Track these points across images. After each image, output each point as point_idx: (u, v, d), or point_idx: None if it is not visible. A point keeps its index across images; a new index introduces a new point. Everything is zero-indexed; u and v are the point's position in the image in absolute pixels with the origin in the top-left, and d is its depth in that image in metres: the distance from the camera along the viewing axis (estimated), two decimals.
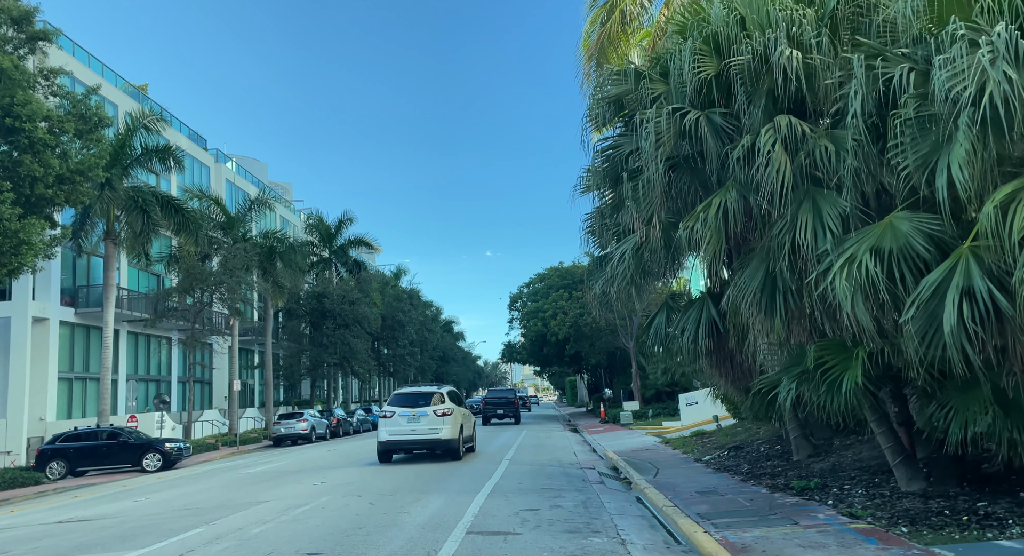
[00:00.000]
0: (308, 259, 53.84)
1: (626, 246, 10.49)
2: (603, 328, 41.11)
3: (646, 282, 10.97)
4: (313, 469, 18.82)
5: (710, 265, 8.78)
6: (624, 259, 10.38)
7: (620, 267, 10.48)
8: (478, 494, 12.16)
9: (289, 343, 51.11)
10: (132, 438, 26.09)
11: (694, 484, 11.91)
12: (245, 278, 36.51)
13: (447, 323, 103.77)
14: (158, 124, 30.79)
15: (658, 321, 14.10)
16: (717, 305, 12.40)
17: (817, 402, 8.20)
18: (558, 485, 13.44)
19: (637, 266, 10.36)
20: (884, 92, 6.92)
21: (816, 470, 11.16)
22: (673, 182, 9.34)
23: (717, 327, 12.20)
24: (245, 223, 41.28)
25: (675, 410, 35.30)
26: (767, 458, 13.66)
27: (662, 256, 10.14)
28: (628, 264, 10.33)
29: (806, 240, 7.65)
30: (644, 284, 10.88)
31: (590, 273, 14.17)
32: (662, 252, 10.08)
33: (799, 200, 7.90)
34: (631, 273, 10.40)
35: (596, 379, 59.90)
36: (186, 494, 14.93)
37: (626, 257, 10.36)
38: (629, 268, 10.36)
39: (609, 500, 11.45)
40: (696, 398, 25.98)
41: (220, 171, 50.51)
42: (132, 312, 36.06)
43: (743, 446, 15.89)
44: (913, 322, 6.58)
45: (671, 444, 20.08)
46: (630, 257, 10.31)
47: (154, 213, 29.26)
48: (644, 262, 10.24)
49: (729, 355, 12.59)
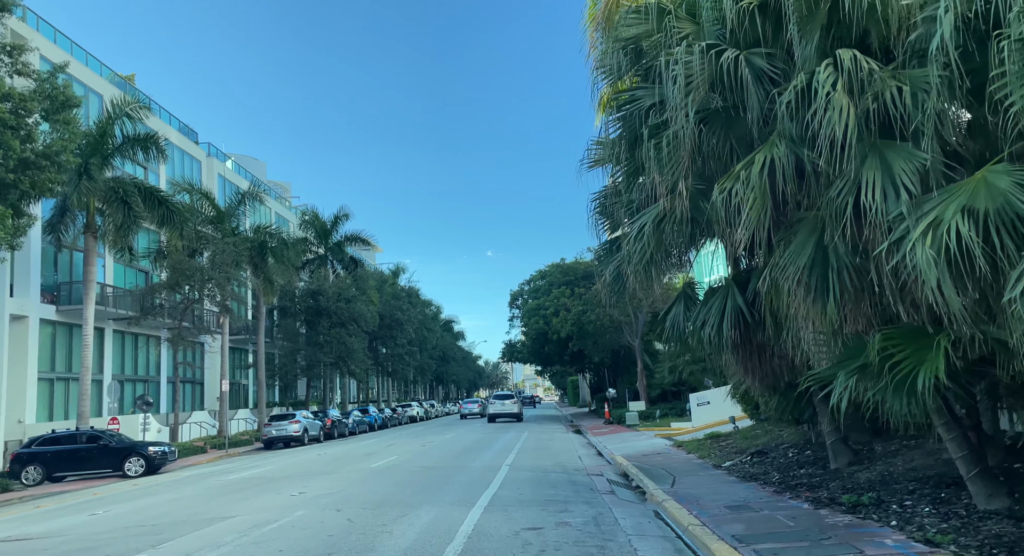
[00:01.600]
0: (303, 256, 52.43)
1: (645, 219, 8.98)
2: (607, 325, 39.65)
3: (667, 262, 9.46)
4: (297, 475, 17.37)
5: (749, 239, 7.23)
6: (643, 235, 8.88)
7: (638, 244, 8.99)
8: (473, 507, 10.69)
9: (284, 342, 49.61)
10: (113, 441, 24.68)
11: (720, 496, 10.44)
12: (234, 274, 35.03)
13: (447, 322, 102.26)
14: (141, 112, 29.34)
15: (675, 312, 12.63)
16: (744, 292, 10.97)
17: (881, 402, 6.72)
18: (564, 495, 11.98)
19: (658, 243, 8.86)
20: (984, 8, 5.45)
21: (863, 481, 9.68)
22: (704, 139, 7.83)
23: (744, 317, 10.77)
24: (236, 217, 39.83)
25: (683, 410, 33.84)
26: (798, 465, 12.18)
27: (687, 231, 8.64)
28: (647, 240, 8.83)
29: (873, 201, 6.17)
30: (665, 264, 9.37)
31: (600, 258, 12.72)
32: (687, 226, 8.59)
33: (863, 154, 6.42)
34: (650, 251, 8.90)
35: (599, 378, 58.38)
36: (153, 505, 13.47)
37: (645, 232, 8.86)
38: (648, 245, 8.86)
39: (623, 515, 9.98)
40: (708, 398, 24.52)
41: (212, 166, 49.03)
42: (118, 310, 34.57)
43: (767, 451, 14.41)
44: (1023, 300, 5.11)
45: (684, 447, 18.60)
46: (650, 231, 8.81)
47: (136, 205, 27.79)
48: (666, 239, 8.74)
49: (758, 349, 11.14)
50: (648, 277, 9.58)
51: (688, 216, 8.32)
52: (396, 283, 72.25)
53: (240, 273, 37.74)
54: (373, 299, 55.83)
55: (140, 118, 29.27)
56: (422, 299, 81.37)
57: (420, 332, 73.08)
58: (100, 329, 35.06)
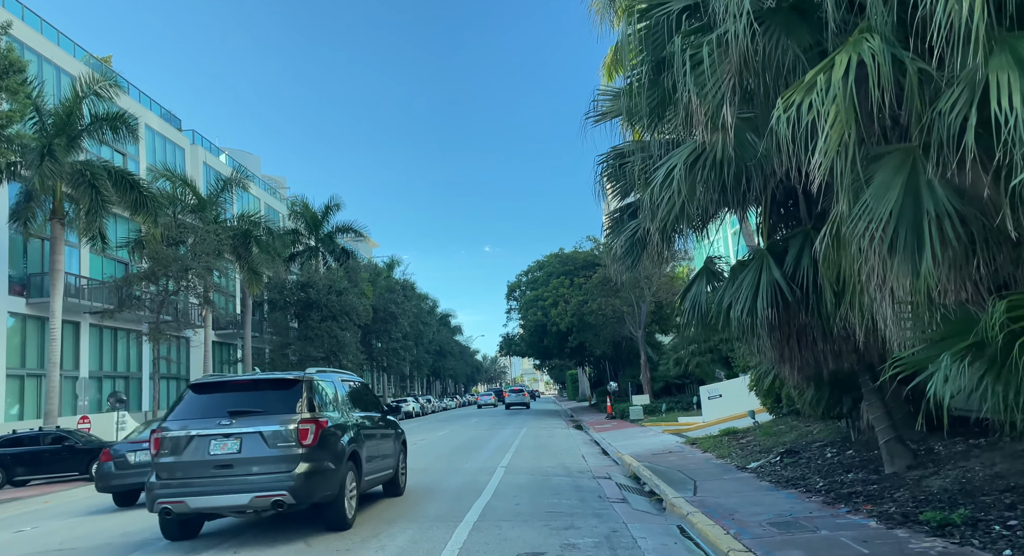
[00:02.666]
0: (292, 247, 50.64)
1: (675, 160, 7.16)
2: (609, 316, 37.88)
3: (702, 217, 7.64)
4: None
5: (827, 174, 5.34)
6: (671, 180, 7.07)
7: (665, 193, 7.17)
8: (460, 524, 8.92)
9: (274, 336, 47.75)
10: (81, 442, 22.85)
11: (758, 508, 8.67)
12: (215, 264, 33.17)
13: (444, 316, 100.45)
14: (111, 91, 27.36)
15: (696, 292, 10.87)
16: (781, 265, 9.21)
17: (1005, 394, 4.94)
18: (568, 506, 10.21)
19: (691, 190, 7.04)
20: None
21: (936, 490, 7.91)
22: (759, 46, 6.00)
23: (782, 294, 9.02)
24: (219, 206, 37.95)
25: (690, 404, 32.13)
26: (843, 468, 10.40)
27: (729, 176, 6.84)
28: (677, 187, 7.02)
29: (1012, 111, 4.40)
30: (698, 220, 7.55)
31: (610, 228, 10.92)
32: (729, 168, 6.79)
33: (988, 49, 4.65)
34: (681, 200, 7.09)
35: (599, 372, 56.63)
36: (90, 521, 11.69)
37: (675, 176, 7.05)
38: (678, 193, 7.05)
39: (642, 533, 8.21)
40: (719, 390, 22.77)
41: (197, 154, 47.12)
42: (93, 303, 32.74)
43: (798, 450, 12.64)
44: None
45: (699, 445, 16.85)
46: (681, 175, 7.00)
47: (104, 189, 25.89)
48: (701, 186, 6.91)
49: (798, 331, 9.39)
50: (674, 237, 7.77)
51: (731, 155, 6.53)
52: (391, 276, 70.38)
53: (223, 263, 35.91)
54: (366, 292, 54.01)
55: (110, 97, 27.32)
56: (418, 292, 79.53)
57: (416, 326, 71.29)
58: (75, 323, 33.27)
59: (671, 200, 7.18)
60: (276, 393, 8.93)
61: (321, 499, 8.52)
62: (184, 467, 8.35)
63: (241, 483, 8.18)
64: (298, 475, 8.20)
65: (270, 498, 8.08)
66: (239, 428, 8.38)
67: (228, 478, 8.22)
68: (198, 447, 8.37)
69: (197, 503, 8.17)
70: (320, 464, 8.44)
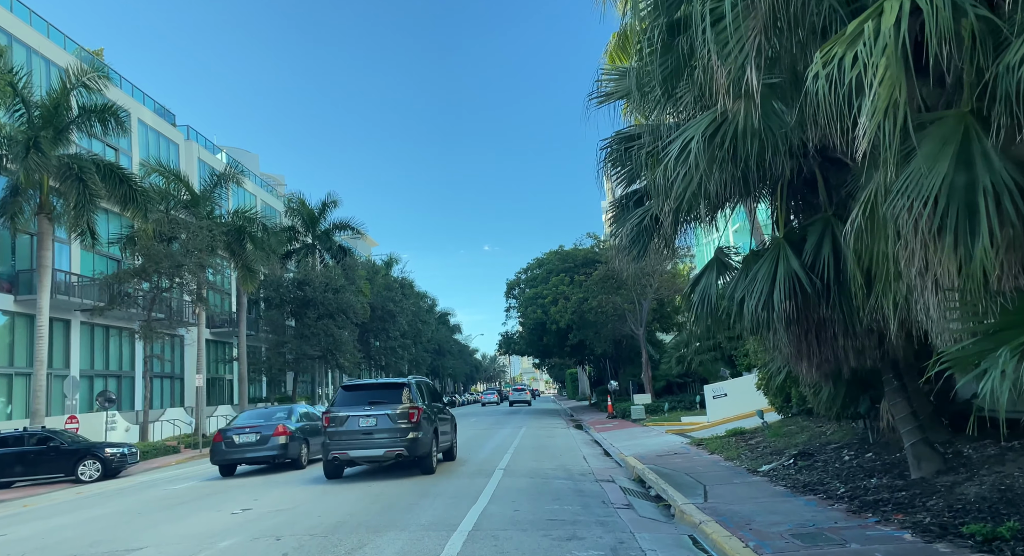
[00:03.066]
0: (288, 244, 49.97)
1: (692, 132, 6.44)
2: (609, 314, 37.20)
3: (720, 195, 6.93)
4: (256, 484, 14.95)
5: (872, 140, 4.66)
6: (688, 154, 6.37)
7: (680, 169, 6.47)
8: (454, 533, 8.26)
9: (270, 335, 47.05)
10: (66, 443, 22.23)
11: (776, 516, 8.01)
12: (208, 261, 32.48)
13: (442, 315, 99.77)
14: (100, 82, 26.65)
15: (706, 283, 10.23)
16: (800, 254, 8.57)
17: None
18: (570, 512, 9.56)
19: (710, 164, 6.33)
20: None
21: (973, 498, 7.25)
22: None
23: (800, 285, 8.38)
24: (212, 202, 37.24)
25: (692, 403, 31.50)
26: (864, 472, 9.74)
27: (753, 149, 6.15)
28: (695, 161, 6.32)
29: None
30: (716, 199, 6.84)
31: (614, 217, 10.25)
32: (753, 141, 6.11)
33: None
34: (698, 177, 6.39)
35: (599, 370, 55.97)
36: (66, 526, 11.02)
37: (692, 150, 6.35)
38: (695, 169, 6.35)
39: (652, 545, 7.55)
40: (725, 389, 22.12)
41: (192, 150, 46.41)
42: (83, 300, 32.04)
43: (813, 452, 11.99)
44: None
45: (705, 446, 16.20)
46: (699, 148, 6.29)
47: (92, 182, 25.18)
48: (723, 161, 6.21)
49: (818, 325, 8.75)
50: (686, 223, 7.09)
51: (755, 126, 5.84)
52: (389, 274, 69.71)
53: (216, 260, 35.22)
54: (364, 290, 53.35)
55: (99, 89, 26.63)
56: (416, 291, 78.82)
57: (414, 325, 70.62)
58: (65, 321, 32.60)
59: (687, 176, 6.47)
60: (392, 391, 14.39)
61: (421, 454, 13.94)
62: (344, 434, 13.85)
63: (378, 443, 13.72)
64: (410, 439, 13.69)
65: (394, 452, 13.68)
66: (375, 411, 13.86)
67: (370, 440, 13.77)
68: (352, 422, 13.88)
69: (353, 454, 13.86)
70: (420, 433, 13.88)
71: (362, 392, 14.57)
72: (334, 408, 14.18)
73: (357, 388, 14.91)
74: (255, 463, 18.05)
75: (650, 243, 9.29)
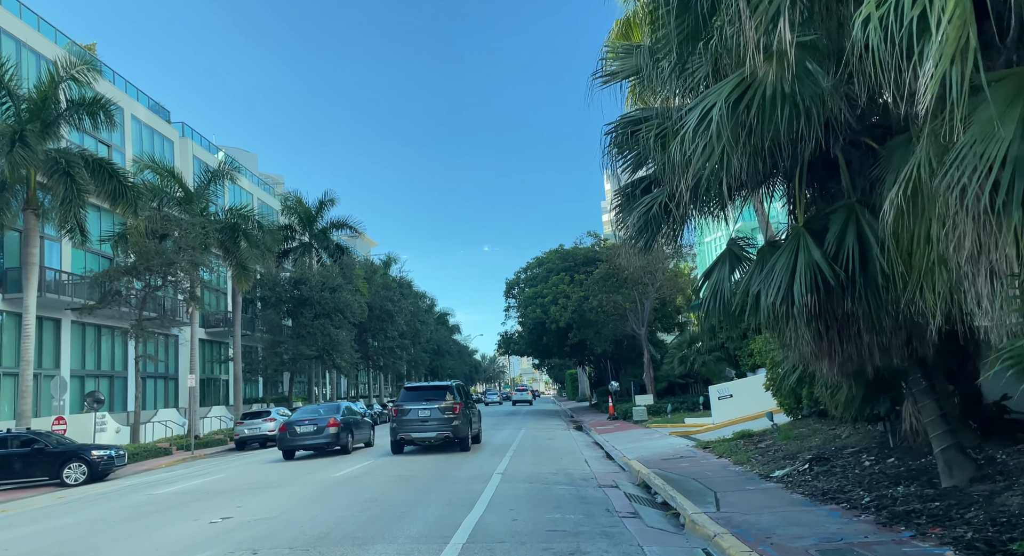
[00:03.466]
0: (284, 243, 49.31)
1: (714, 98, 5.71)
2: (610, 313, 36.53)
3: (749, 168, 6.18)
4: (242, 488, 14.28)
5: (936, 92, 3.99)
6: (709, 123, 5.65)
7: (700, 141, 5.74)
8: (447, 546, 7.59)
9: (266, 335, 46.34)
10: (51, 445, 21.56)
11: (797, 528, 7.35)
12: (201, 259, 31.78)
13: (441, 315, 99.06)
14: (90, 75, 25.99)
15: (718, 277, 9.59)
16: (822, 244, 7.93)
17: None
18: (573, 522, 8.90)
19: (735, 134, 5.62)
20: None
21: (1016, 509, 6.59)
22: None
23: (823, 277, 7.73)
24: (205, 199, 36.56)
25: (696, 404, 30.83)
26: (889, 479, 9.06)
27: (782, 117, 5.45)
28: (717, 130, 5.60)
29: None
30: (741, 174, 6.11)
31: (619, 206, 9.58)
32: (784, 107, 5.41)
33: None
34: (720, 148, 5.66)
35: (600, 371, 55.29)
36: (33, 536, 10.36)
37: (714, 117, 5.64)
38: (717, 139, 5.62)
39: None
40: (730, 390, 21.45)
41: (187, 147, 45.78)
42: (74, 298, 31.36)
43: (829, 457, 11.32)
44: None
45: (712, 450, 15.53)
46: (723, 115, 5.58)
47: (80, 177, 24.51)
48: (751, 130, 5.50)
49: (842, 321, 8.09)
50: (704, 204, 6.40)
51: (786, 89, 5.16)
52: (387, 274, 68.97)
53: (209, 258, 34.52)
54: (361, 289, 52.66)
55: (88, 82, 25.93)
56: (415, 291, 78.11)
57: (413, 325, 69.92)
58: (56, 320, 31.94)
59: (707, 150, 5.76)
60: (441, 391, 19.69)
61: (461, 436, 19.21)
62: (407, 421, 19.04)
63: (431, 428, 18.83)
64: (454, 425, 18.95)
65: (443, 435, 18.85)
66: (429, 405, 18.98)
67: (425, 425, 18.89)
68: (413, 413, 19.01)
69: (415, 435, 19.04)
70: (461, 422, 19.12)
71: (419, 391, 20.19)
72: (400, 402, 19.80)
73: (416, 389, 20.54)
74: (312, 449, 22.03)
75: (659, 233, 8.65)
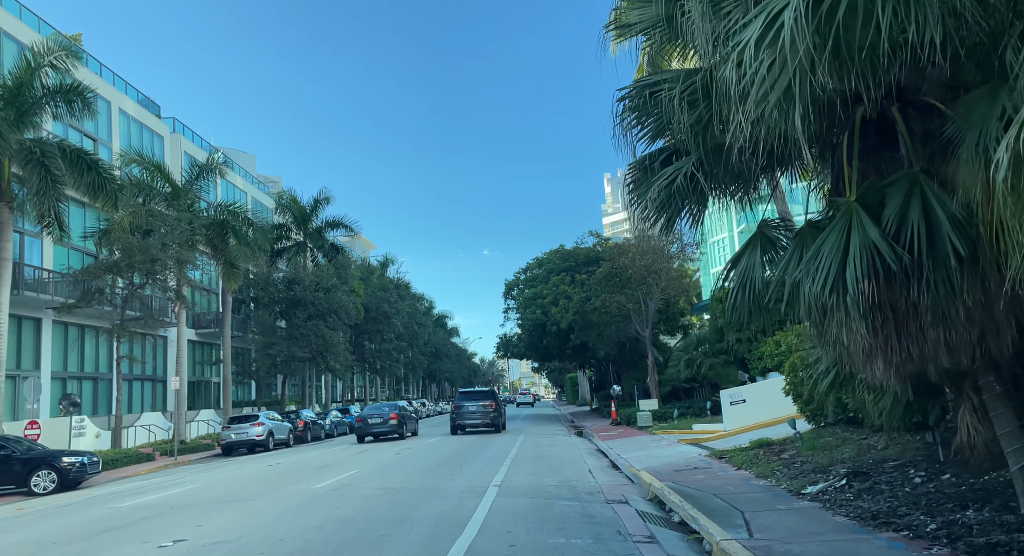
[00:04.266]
0: (279, 242, 48.08)
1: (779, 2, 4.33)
2: (613, 314, 35.19)
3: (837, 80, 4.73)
4: (210, 502, 12.95)
5: None
6: (779, 28, 4.13)
7: (766, 56, 4.19)
8: None
9: (258, 336, 44.97)
10: (20, 451, 20.29)
11: None
12: (187, 256, 30.46)
13: (440, 317, 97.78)
14: (68, 62, 24.70)
15: (747, 264, 8.33)
16: (879, 222, 6.66)
17: None
18: (580, 548, 7.59)
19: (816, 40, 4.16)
20: None
21: None
22: None
23: (882, 261, 6.46)
24: (194, 195, 35.29)
25: (703, 409, 29.52)
26: (952, 501, 7.73)
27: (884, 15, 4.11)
28: (792, 38, 4.04)
29: None
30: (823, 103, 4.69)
31: (634, 181, 8.29)
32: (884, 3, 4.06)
33: None
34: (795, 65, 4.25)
35: (601, 374, 53.90)
36: None
37: (785, 21, 4.01)
38: (792, 52, 4.14)
39: None
40: (743, 395, 20.15)
41: (178, 143, 44.50)
42: (56, 297, 30.03)
43: (868, 471, 10.00)
44: None
45: (729, 460, 14.22)
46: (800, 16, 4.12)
47: (56, 168, 23.24)
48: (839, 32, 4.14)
49: (907, 314, 6.80)
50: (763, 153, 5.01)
51: None
52: (384, 275, 67.68)
53: (196, 255, 33.19)
54: (357, 290, 51.36)
55: (67, 69, 24.66)
56: (413, 292, 76.82)
57: (410, 327, 68.62)
58: (36, 319, 30.62)
59: (777, 67, 4.35)
60: (484, 394, 33.08)
61: (498, 425, 31.82)
62: (463, 413, 31.43)
63: (479, 418, 31.28)
64: (493, 416, 31.45)
65: (485, 422, 31.30)
66: (476, 403, 31.79)
67: (475, 416, 31.34)
68: (466, 408, 31.52)
69: (467, 423, 31.39)
70: (496, 414, 31.71)
71: (469, 394, 32.62)
72: (458, 401, 31.96)
73: (467, 393, 32.88)
74: (379, 436, 30.99)
75: (683, 208, 7.37)
